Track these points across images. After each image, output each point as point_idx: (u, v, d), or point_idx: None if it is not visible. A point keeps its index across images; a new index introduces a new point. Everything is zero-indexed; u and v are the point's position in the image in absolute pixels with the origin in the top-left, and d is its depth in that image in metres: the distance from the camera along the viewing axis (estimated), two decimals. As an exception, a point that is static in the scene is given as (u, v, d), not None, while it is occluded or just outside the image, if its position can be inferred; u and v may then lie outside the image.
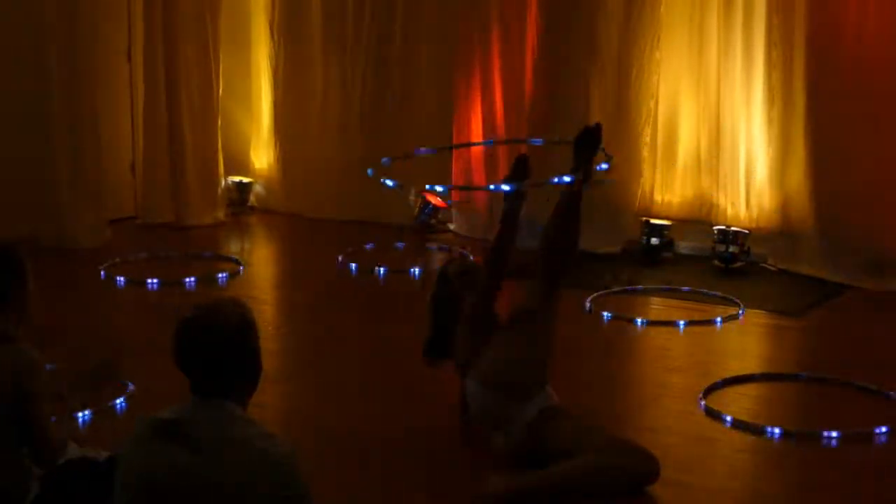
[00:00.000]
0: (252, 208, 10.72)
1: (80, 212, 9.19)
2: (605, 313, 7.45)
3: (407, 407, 5.78)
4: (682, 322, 7.31)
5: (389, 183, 6.16)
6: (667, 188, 9.25)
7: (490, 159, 9.47)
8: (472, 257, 8.33)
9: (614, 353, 6.97)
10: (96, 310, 7.78)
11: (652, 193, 9.23)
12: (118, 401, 5.73)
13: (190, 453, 3.07)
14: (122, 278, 8.19)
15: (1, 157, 9.00)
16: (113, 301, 8.01)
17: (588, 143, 5.18)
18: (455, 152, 9.61)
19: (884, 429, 5.47)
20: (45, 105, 9.08)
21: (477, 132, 9.53)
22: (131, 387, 5.81)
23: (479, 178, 9.55)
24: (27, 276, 3.92)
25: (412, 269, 8.52)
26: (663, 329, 7.28)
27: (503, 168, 9.41)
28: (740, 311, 7.51)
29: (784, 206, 8.53)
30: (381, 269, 8.52)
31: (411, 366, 5.71)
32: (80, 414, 5.46)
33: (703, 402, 5.81)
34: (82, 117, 9.27)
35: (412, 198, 9.70)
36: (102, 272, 8.29)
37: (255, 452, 3.08)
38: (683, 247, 8.99)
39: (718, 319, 7.38)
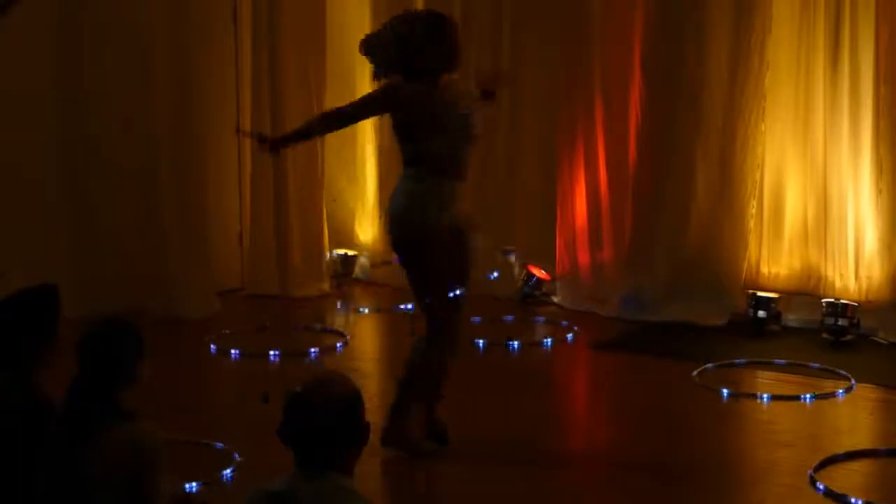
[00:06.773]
0: (356, 280, 10.75)
1: (189, 283, 9.29)
2: (712, 387, 7.37)
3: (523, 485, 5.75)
4: (792, 396, 7.20)
5: None
6: (773, 260, 9.13)
7: (594, 232, 9.44)
8: None
9: (720, 427, 6.88)
10: (203, 381, 7.88)
11: (758, 265, 9.12)
12: (226, 472, 5.80)
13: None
14: (229, 350, 8.28)
15: (111, 229, 9.16)
16: (220, 372, 8.09)
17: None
18: (559, 224, 9.58)
19: None
20: (154, 177, 9.24)
21: (581, 203, 9.50)
22: (237, 457, 5.89)
23: (582, 250, 9.51)
24: (146, 352, 4.01)
25: (516, 342, 8.53)
26: (770, 403, 7.17)
27: (607, 241, 9.39)
28: (851, 386, 7.37)
29: (895, 278, 8.39)
30: (481, 342, 8.53)
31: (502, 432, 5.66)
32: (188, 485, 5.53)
33: (813, 478, 5.71)
34: (191, 189, 9.41)
35: (516, 271, 9.70)
36: (213, 345, 8.39)
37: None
38: (791, 319, 8.85)
39: (827, 393, 7.25)
